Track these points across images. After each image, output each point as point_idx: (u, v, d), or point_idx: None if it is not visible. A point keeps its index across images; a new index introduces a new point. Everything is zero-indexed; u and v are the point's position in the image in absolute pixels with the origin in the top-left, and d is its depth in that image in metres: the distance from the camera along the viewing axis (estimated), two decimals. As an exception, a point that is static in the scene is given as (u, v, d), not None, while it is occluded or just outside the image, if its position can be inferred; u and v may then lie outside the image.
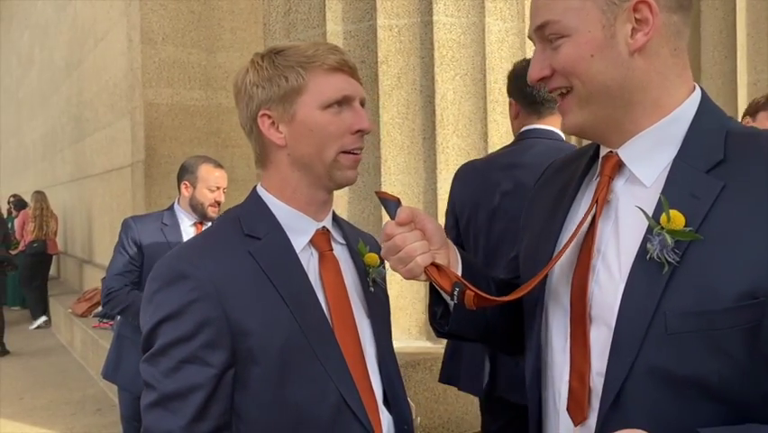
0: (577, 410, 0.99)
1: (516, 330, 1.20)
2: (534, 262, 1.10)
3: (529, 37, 1.04)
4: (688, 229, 0.88)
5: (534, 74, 1.01)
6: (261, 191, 1.25)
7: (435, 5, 2.63)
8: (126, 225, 3.10)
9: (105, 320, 6.60)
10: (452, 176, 2.33)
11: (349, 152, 1.20)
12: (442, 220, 2.43)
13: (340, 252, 1.27)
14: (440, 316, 1.20)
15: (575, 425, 0.99)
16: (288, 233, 1.21)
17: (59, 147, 10.78)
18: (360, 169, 1.29)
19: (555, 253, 1.06)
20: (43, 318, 9.08)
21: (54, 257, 9.83)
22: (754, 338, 0.85)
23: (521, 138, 2.18)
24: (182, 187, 3.11)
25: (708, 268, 0.87)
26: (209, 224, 3.01)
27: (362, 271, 1.29)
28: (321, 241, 1.24)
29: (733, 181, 0.90)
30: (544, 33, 0.99)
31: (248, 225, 1.20)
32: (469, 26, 2.72)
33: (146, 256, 2.99)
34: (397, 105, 2.65)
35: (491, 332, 1.23)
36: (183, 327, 1.10)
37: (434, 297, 1.21)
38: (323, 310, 1.18)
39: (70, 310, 7.58)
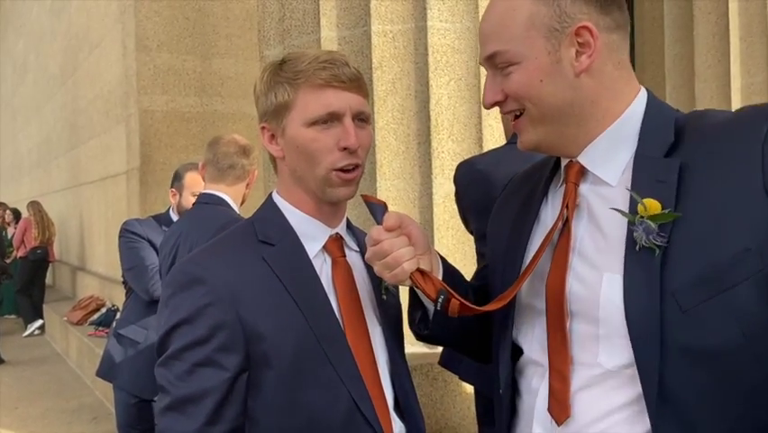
0: (560, 410, 1.00)
1: (489, 338, 1.21)
2: (505, 272, 1.13)
3: (480, 64, 1.09)
4: (666, 211, 0.92)
5: (488, 99, 1.07)
6: (276, 196, 1.27)
7: (429, 11, 2.63)
8: (131, 225, 3.09)
9: (100, 328, 6.58)
10: (448, 180, 2.32)
11: (340, 170, 1.18)
12: (438, 223, 2.42)
13: (354, 259, 1.27)
14: (418, 320, 1.22)
15: (559, 424, 1.00)
16: (301, 238, 1.22)
17: (54, 155, 10.75)
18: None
19: (526, 260, 1.09)
20: (38, 323, 9.02)
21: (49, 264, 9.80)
22: (763, 288, 0.89)
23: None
24: (170, 194, 3.14)
25: (697, 239, 0.92)
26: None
27: (375, 278, 1.28)
28: (334, 247, 1.24)
29: (688, 157, 0.96)
30: (494, 62, 1.05)
31: (262, 232, 1.21)
32: (463, 31, 2.72)
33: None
34: (391, 110, 2.65)
35: (466, 338, 1.25)
36: (197, 331, 1.11)
37: (413, 301, 1.22)
38: (336, 316, 1.19)
39: (65, 319, 7.54)
